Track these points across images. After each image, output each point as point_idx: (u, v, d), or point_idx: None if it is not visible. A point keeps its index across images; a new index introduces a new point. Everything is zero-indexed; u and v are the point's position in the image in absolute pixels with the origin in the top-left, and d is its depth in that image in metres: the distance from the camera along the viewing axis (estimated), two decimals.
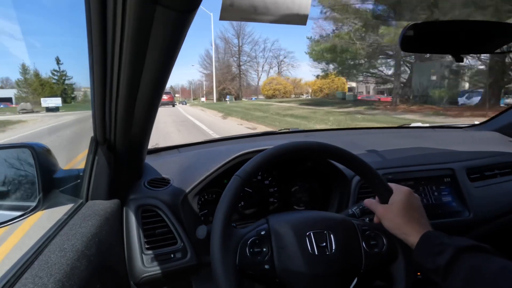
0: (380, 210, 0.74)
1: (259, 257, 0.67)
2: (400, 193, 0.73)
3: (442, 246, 0.62)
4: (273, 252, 0.68)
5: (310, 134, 1.66)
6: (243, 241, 0.68)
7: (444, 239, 0.64)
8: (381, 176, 0.76)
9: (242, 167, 0.71)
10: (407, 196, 0.72)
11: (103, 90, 0.65)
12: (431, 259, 0.63)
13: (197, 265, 0.94)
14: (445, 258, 0.60)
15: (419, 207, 0.73)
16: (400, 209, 0.70)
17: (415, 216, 0.70)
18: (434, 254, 0.62)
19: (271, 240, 0.69)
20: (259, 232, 0.70)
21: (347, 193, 1.07)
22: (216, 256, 0.63)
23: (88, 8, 0.50)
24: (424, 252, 0.65)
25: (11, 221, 0.72)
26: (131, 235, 0.91)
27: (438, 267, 0.61)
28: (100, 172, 0.85)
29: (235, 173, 0.70)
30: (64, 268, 0.59)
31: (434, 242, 0.64)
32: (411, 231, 0.68)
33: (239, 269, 0.66)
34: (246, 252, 0.67)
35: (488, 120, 1.73)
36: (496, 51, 0.88)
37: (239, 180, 0.69)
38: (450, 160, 1.25)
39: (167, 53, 0.56)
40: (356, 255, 0.71)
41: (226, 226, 0.65)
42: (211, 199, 1.09)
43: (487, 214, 1.19)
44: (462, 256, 0.59)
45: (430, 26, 0.83)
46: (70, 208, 0.85)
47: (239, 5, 0.48)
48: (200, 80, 72.08)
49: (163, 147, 1.38)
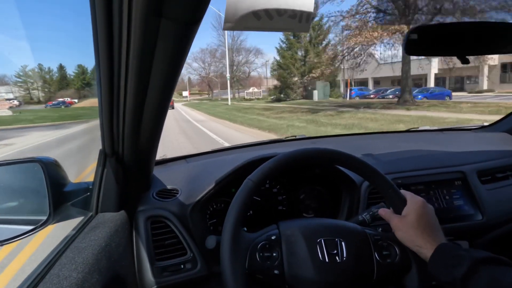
0: (394, 221, 0.73)
1: (268, 262, 0.67)
2: (414, 203, 0.72)
3: (459, 258, 0.61)
4: (283, 258, 0.67)
5: (317, 140, 1.65)
6: (253, 245, 0.67)
7: (460, 251, 0.63)
8: (395, 185, 0.75)
9: (254, 172, 0.70)
10: (421, 208, 0.71)
11: (111, 103, 0.66)
12: (446, 271, 0.61)
13: (208, 275, 0.93)
14: (462, 270, 0.59)
15: (433, 219, 0.72)
16: (413, 221, 0.69)
17: (428, 228, 0.69)
18: (450, 266, 0.61)
19: (281, 245, 0.68)
20: (269, 237, 0.69)
21: (357, 199, 1.06)
22: (225, 259, 0.62)
23: (95, 22, 0.51)
24: (439, 265, 0.63)
25: (22, 235, 0.72)
26: (141, 246, 0.91)
27: (454, 279, 0.59)
28: (109, 185, 0.85)
29: (247, 177, 0.70)
30: (75, 281, 0.59)
31: (449, 254, 0.63)
32: (425, 243, 0.67)
33: (249, 273, 0.65)
34: (256, 256, 0.66)
35: (497, 121, 1.71)
36: (501, 52, 0.87)
37: (251, 184, 0.69)
38: (460, 163, 1.23)
39: (172, 65, 0.57)
40: (367, 265, 0.70)
41: (236, 229, 0.65)
42: (220, 209, 1.09)
43: (500, 217, 1.17)
44: (479, 268, 0.58)
45: (434, 28, 0.82)
46: (80, 221, 0.85)
47: (242, 15, 0.49)
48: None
49: (171, 158, 1.39)
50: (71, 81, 53.97)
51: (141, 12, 0.46)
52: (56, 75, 53.74)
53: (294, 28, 0.53)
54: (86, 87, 52.87)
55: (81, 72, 54.41)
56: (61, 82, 53.52)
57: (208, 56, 54.47)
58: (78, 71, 54.95)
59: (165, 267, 0.90)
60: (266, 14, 0.50)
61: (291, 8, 0.50)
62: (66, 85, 53.53)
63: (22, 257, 2.90)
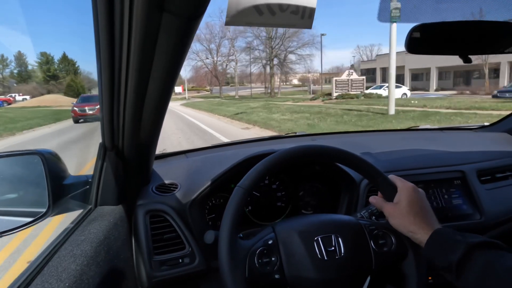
0: (386, 209, 0.74)
1: (268, 267, 0.67)
2: (404, 190, 0.73)
3: (454, 243, 0.62)
4: (282, 261, 0.67)
5: (317, 137, 1.65)
6: (251, 253, 0.67)
7: (455, 236, 0.63)
8: (383, 173, 0.76)
9: (244, 177, 0.70)
10: (413, 193, 0.72)
11: (111, 97, 0.66)
12: (442, 256, 0.62)
13: (206, 270, 0.94)
14: (458, 254, 0.59)
15: (425, 203, 0.73)
16: (406, 207, 0.70)
17: (421, 213, 0.70)
18: (446, 251, 0.62)
19: (279, 249, 0.68)
20: (266, 242, 0.69)
21: (356, 197, 1.06)
22: (225, 270, 0.62)
23: (96, 15, 0.51)
24: (435, 249, 0.64)
25: (21, 227, 0.72)
26: (140, 240, 0.91)
27: (450, 264, 0.60)
28: (109, 178, 0.85)
29: (237, 184, 0.69)
30: (73, 273, 0.60)
31: (445, 239, 0.64)
32: (418, 229, 0.68)
33: (249, 282, 0.65)
34: (255, 263, 0.66)
35: (497, 121, 1.71)
36: (505, 51, 0.87)
37: (241, 191, 0.68)
38: (460, 162, 1.24)
39: (173, 59, 0.57)
40: (365, 257, 0.71)
41: (233, 240, 0.64)
42: (219, 204, 1.09)
43: (499, 217, 1.17)
44: (474, 253, 0.59)
45: (437, 27, 0.82)
46: (79, 214, 0.85)
47: (244, 10, 0.48)
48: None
49: (171, 153, 1.39)
50: (32, 72, 45.26)
51: (143, 5, 0.45)
52: (13, 65, 44.15)
53: (296, 24, 0.53)
54: (52, 81, 45.10)
55: (45, 62, 46.98)
56: (20, 74, 44.20)
57: (217, 38, 41.49)
58: (41, 60, 46.95)
59: (164, 261, 0.90)
60: (268, 10, 0.49)
61: (294, 3, 0.50)
62: (28, 77, 44.41)
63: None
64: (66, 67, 49.42)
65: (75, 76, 47.00)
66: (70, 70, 49.05)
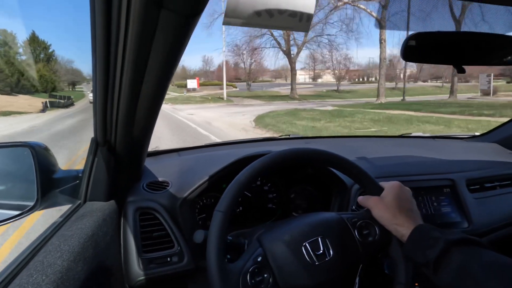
0: (370, 201, 0.75)
1: (262, 285, 0.66)
2: (390, 186, 0.74)
3: (433, 239, 0.63)
4: (275, 275, 0.67)
5: (310, 140, 1.65)
6: (243, 274, 0.65)
7: (434, 233, 0.64)
8: (368, 173, 0.77)
9: (220, 200, 0.67)
10: (398, 189, 0.73)
11: (105, 92, 0.65)
12: (421, 253, 0.63)
13: (194, 269, 0.93)
14: (435, 251, 0.60)
15: (410, 199, 0.74)
16: (390, 200, 0.72)
17: (405, 207, 0.71)
18: (425, 248, 0.62)
19: (269, 264, 0.68)
20: (256, 260, 0.68)
21: (347, 201, 1.07)
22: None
23: (93, 9, 0.50)
24: (415, 246, 0.65)
25: (8, 220, 0.71)
26: (128, 237, 0.90)
27: (428, 261, 0.61)
28: (99, 174, 0.84)
29: (216, 209, 0.67)
30: (59, 269, 0.59)
31: (425, 235, 0.65)
32: (402, 222, 0.69)
33: None
34: (248, 284, 0.65)
35: (489, 131, 1.73)
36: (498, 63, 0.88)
37: (221, 216, 0.66)
38: (450, 171, 1.25)
39: (169, 56, 0.56)
40: (353, 251, 0.72)
41: (222, 268, 0.62)
42: (210, 203, 1.09)
43: (486, 226, 1.18)
44: (452, 250, 0.60)
45: (433, 36, 0.83)
46: (68, 209, 0.84)
47: (242, 11, 0.48)
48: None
49: (163, 150, 1.38)
50: None
51: (141, 1, 0.45)
52: None
53: (294, 27, 0.53)
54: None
55: (2, 42, 31.98)
56: None
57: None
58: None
59: (152, 259, 0.90)
60: (266, 11, 0.49)
61: (292, 8, 0.50)
62: None
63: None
64: (36, 51, 38.58)
65: (47, 65, 39.10)
66: (40, 55, 39.28)
